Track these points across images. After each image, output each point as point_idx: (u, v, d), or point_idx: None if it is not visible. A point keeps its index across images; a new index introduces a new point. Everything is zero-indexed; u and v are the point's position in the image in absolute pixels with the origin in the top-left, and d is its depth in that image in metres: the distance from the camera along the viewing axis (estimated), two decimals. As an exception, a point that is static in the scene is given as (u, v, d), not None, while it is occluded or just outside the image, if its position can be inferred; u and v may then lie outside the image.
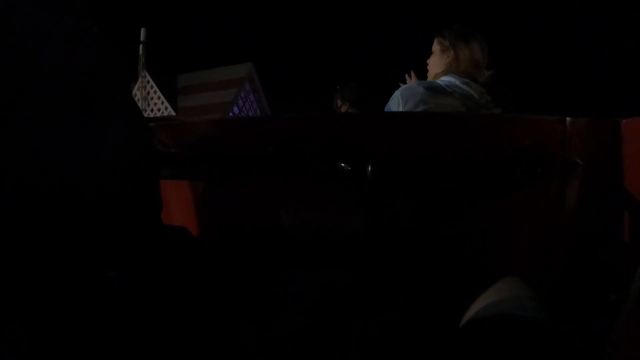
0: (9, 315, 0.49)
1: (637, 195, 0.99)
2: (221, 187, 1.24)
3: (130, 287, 0.60)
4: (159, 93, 15.56)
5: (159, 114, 15.52)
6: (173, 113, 15.48)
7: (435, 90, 1.85)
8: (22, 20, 0.51)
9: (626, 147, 1.02)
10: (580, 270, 1.09)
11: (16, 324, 0.49)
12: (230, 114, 15.21)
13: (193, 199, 1.23)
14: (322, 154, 1.10)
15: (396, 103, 1.82)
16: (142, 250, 0.69)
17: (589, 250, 1.09)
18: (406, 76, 2.39)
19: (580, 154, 1.06)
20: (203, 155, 1.19)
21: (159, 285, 0.70)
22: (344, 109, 2.84)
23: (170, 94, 15.85)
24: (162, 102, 15.60)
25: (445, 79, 1.91)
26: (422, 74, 2.19)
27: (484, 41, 2.00)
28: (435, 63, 2.05)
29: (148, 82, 15.41)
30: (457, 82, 1.87)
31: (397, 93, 1.85)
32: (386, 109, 1.92)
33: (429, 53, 2.11)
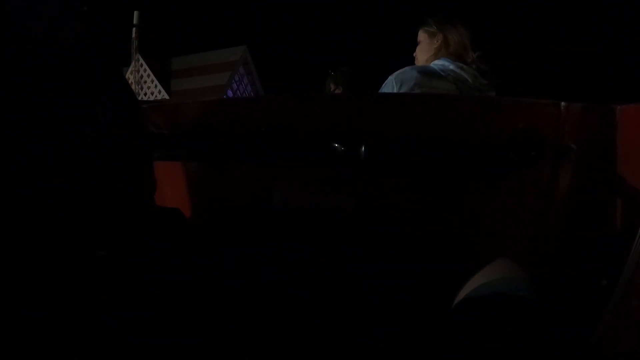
0: (3, 294, 0.49)
1: (629, 181, 1.00)
2: (214, 169, 1.24)
3: (122, 266, 0.60)
4: (152, 76, 15.42)
5: (152, 98, 15.40)
6: (167, 96, 15.37)
7: (430, 74, 1.86)
8: None
9: (620, 133, 1.02)
10: (571, 255, 1.10)
11: (10, 303, 0.49)
12: (225, 97, 15.12)
13: (186, 181, 1.23)
14: (316, 135, 1.10)
15: (390, 88, 1.82)
16: (135, 231, 0.69)
17: (580, 235, 1.09)
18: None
19: (574, 139, 1.07)
20: (196, 137, 1.19)
21: (151, 265, 0.70)
22: (337, 92, 2.83)
23: (164, 78, 15.72)
24: (156, 86, 15.47)
25: (438, 63, 1.92)
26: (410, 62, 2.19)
27: (471, 24, 2.03)
28: (424, 49, 2.07)
29: (141, 65, 15.27)
30: (451, 66, 1.87)
31: (390, 78, 1.86)
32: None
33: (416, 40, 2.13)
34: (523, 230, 1.15)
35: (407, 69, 1.88)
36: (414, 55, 2.15)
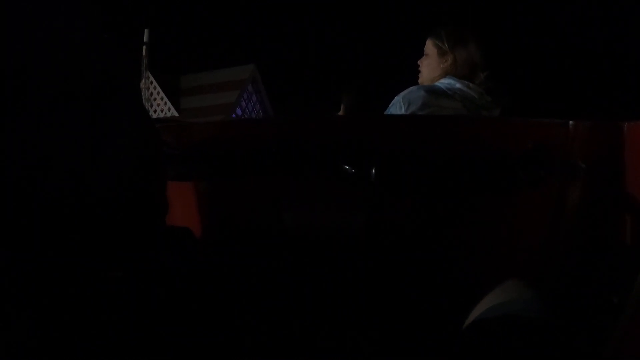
0: (15, 314, 0.49)
1: (639, 198, 1.00)
2: (224, 188, 1.25)
3: (135, 287, 0.60)
4: (162, 94, 15.60)
5: (162, 115, 15.57)
6: (176, 114, 15.52)
7: (437, 93, 1.85)
8: (40, 21, 0.52)
9: (628, 150, 1.02)
10: (582, 273, 1.09)
11: (22, 324, 0.50)
12: (233, 115, 15.25)
13: (196, 200, 1.24)
14: (326, 156, 1.11)
15: (397, 108, 1.81)
16: (147, 251, 0.69)
17: (591, 253, 1.09)
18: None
19: (582, 157, 1.07)
20: (207, 157, 1.20)
21: (163, 285, 0.71)
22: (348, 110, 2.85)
23: (173, 95, 15.90)
24: (165, 103, 15.64)
25: (444, 82, 1.91)
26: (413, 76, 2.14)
27: (481, 42, 1.98)
28: (432, 66, 2.00)
29: (151, 83, 15.46)
30: (457, 85, 1.87)
31: (397, 98, 1.84)
32: (387, 114, 1.92)
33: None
34: (533, 249, 1.15)
35: (413, 88, 1.87)
36: (418, 63, 2.11)
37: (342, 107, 2.90)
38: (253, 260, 1.18)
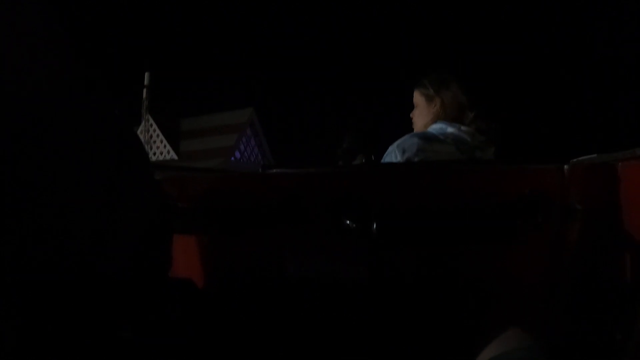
0: None
1: (636, 236, 1.01)
2: (227, 241, 1.25)
3: (143, 345, 0.61)
4: (161, 137, 15.69)
5: (161, 157, 15.63)
6: (175, 157, 15.58)
7: (430, 139, 1.88)
8: (63, 100, 0.55)
9: (624, 189, 1.04)
10: (584, 312, 1.09)
11: None
12: (232, 158, 15.32)
13: (198, 252, 1.25)
14: (327, 210, 1.12)
15: (393, 157, 1.84)
16: (152, 306, 0.70)
17: (591, 292, 1.09)
18: None
19: (579, 199, 1.08)
20: (209, 211, 1.21)
21: (170, 340, 0.71)
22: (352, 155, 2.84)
23: (173, 138, 15.99)
24: (165, 146, 15.71)
25: (435, 127, 1.93)
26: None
27: (462, 83, 2.04)
28: (422, 113, 2.06)
29: (151, 125, 15.57)
30: (449, 129, 1.90)
31: (392, 147, 1.88)
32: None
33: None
34: (534, 294, 1.14)
35: (407, 137, 1.90)
36: (410, 116, 2.15)
37: (345, 150, 2.90)
38: (256, 313, 1.18)
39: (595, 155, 1.15)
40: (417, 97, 2.09)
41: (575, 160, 1.14)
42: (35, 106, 0.51)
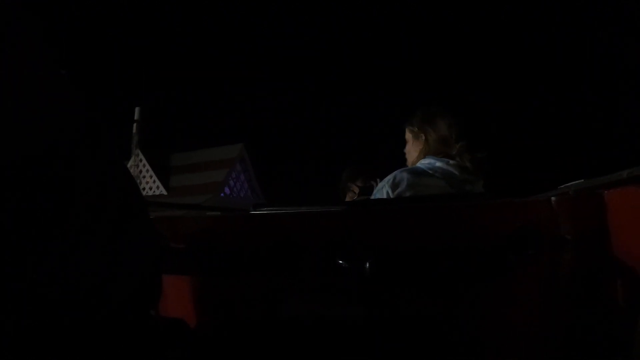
0: None
1: (625, 261, 1.01)
2: (219, 281, 1.24)
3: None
4: (151, 172, 15.68)
5: (150, 193, 15.56)
6: (165, 192, 15.53)
7: (419, 174, 1.91)
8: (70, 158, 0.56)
9: (611, 216, 1.05)
10: (580, 341, 1.09)
11: None
12: (222, 194, 15.31)
13: (190, 292, 1.23)
14: (320, 250, 1.13)
15: (384, 193, 1.86)
16: (140, 345, 0.70)
17: (586, 320, 1.09)
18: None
19: (568, 230, 1.09)
20: (202, 250, 1.21)
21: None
22: (349, 196, 2.86)
23: (163, 173, 15.98)
24: (154, 181, 15.68)
25: (424, 162, 1.96)
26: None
27: (451, 116, 2.08)
28: (411, 150, 2.12)
29: (141, 160, 15.55)
30: (437, 163, 1.92)
31: (382, 183, 1.90)
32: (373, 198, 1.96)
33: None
34: (530, 327, 1.14)
35: (397, 172, 1.93)
36: (404, 151, 2.20)
37: (342, 187, 2.91)
38: (249, 354, 1.16)
39: (582, 180, 1.17)
40: (407, 134, 2.14)
41: (563, 186, 1.15)
42: (53, 158, 0.52)
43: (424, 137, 2.05)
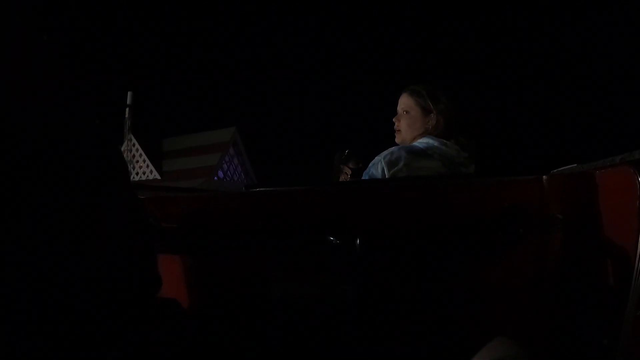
0: None
1: (616, 241, 1.02)
2: (211, 259, 1.25)
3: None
4: (144, 156, 15.59)
5: (144, 177, 15.50)
6: (158, 176, 15.46)
7: (416, 153, 1.87)
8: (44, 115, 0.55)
9: (602, 196, 1.05)
10: (570, 320, 1.10)
11: None
12: (215, 177, 15.27)
13: (182, 271, 1.24)
14: (311, 228, 1.13)
15: (379, 169, 1.83)
16: (138, 327, 0.70)
17: (576, 300, 1.10)
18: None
19: (559, 209, 1.09)
20: (193, 230, 1.21)
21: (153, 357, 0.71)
22: (342, 178, 2.85)
23: (156, 158, 15.89)
24: (148, 166, 15.60)
25: (423, 142, 1.91)
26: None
27: (451, 98, 2.02)
28: (415, 125, 1.98)
29: (134, 145, 15.46)
30: (436, 144, 1.88)
31: (378, 158, 1.86)
32: (367, 174, 1.92)
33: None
34: (519, 304, 1.15)
35: (394, 149, 1.89)
36: (394, 121, 2.08)
37: (335, 169, 2.91)
38: (240, 333, 1.17)
39: (575, 165, 1.17)
40: (411, 106, 2.02)
41: (555, 171, 1.15)
42: (19, 111, 0.51)
43: (435, 117, 1.95)
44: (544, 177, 1.11)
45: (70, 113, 0.58)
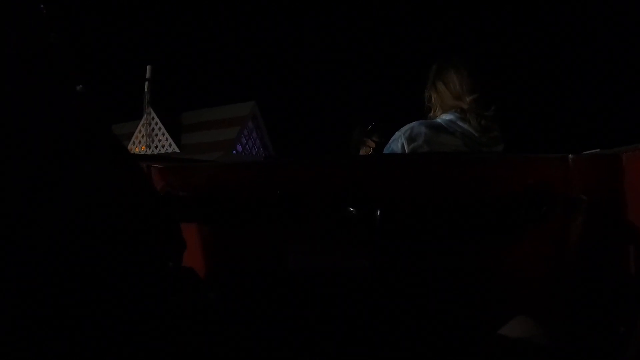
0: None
1: None
2: (228, 230, 1.25)
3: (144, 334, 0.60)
4: (163, 130, 15.72)
5: (162, 151, 15.67)
6: (177, 150, 15.61)
7: (437, 128, 1.86)
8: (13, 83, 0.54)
9: (628, 179, 1.03)
10: (588, 304, 1.09)
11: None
12: (234, 151, 15.36)
13: (200, 240, 1.24)
14: (330, 199, 1.11)
15: (399, 144, 1.83)
16: (154, 294, 0.70)
17: (596, 283, 1.09)
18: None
19: (583, 190, 1.07)
20: (211, 199, 1.20)
21: (171, 329, 0.71)
22: (364, 151, 2.85)
23: (175, 131, 16.02)
24: (167, 139, 15.74)
25: (445, 117, 1.92)
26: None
27: (466, 68, 2.01)
28: (433, 103, 2.08)
29: (153, 119, 15.59)
30: (457, 121, 1.88)
31: (398, 134, 1.86)
32: (387, 149, 1.93)
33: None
34: (539, 285, 1.14)
35: (415, 124, 1.89)
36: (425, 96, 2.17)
37: (356, 142, 2.90)
38: (257, 304, 1.17)
39: (597, 150, 1.15)
40: (440, 82, 2.10)
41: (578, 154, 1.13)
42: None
43: (435, 92, 1.99)
44: (570, 156, 1.09)
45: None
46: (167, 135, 16.24)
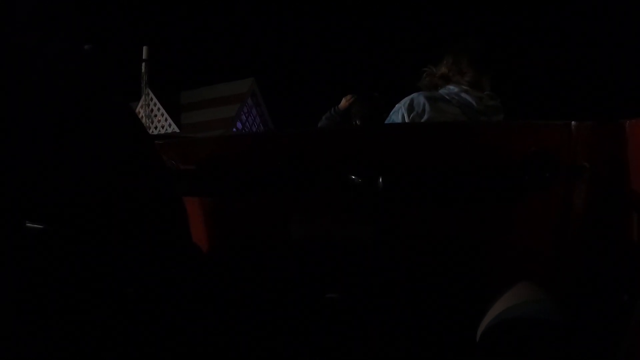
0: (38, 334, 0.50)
1: None
2: (231, 202, 1.25)
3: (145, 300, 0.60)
4: (162, 110, 15.62)
5: (162, 131, 15.61)
6: (177, 130, 15.54)
7: (436, 99, 1.93)
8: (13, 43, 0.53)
9: (631, 147, 1.03)
10: (591, 272, 1.09)
11: (41, 342, 0.50)
12: (234, 129, 15.30)
13: (202, 214, 1.24)
14: (332, 167, 1.12)
15: (399, 115, 1.88)
16: (156, 263, 0.70)
17: (598, 252, 1.09)
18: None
19: (586, 157, 1.07)
20: (212, 172, 1.20)
21: (171, 298, 0.71)
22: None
23: (174, 111, 15.92)
24: (166, 119, 15.66)
25: (444, 89, 1.98)
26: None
27: (471, 47, 2.05)
28: (445, 75, 2.13)
29: (151, 99, 15.48)
30: (456, 90, 1.93)
31: (399, 106, 1.94)
32: (388, 121, 1.97)
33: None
34: (541, 252, 1.15)
35: (414, 95, 1.94)
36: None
37: (353, 117, 2.91)
38: (262, 273, 1.18)
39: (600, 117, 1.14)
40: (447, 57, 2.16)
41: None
42: None
43: (442, 65, 2.07)
44: (573, 123, 1.09)
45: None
46: (166, 115, 16.13)
